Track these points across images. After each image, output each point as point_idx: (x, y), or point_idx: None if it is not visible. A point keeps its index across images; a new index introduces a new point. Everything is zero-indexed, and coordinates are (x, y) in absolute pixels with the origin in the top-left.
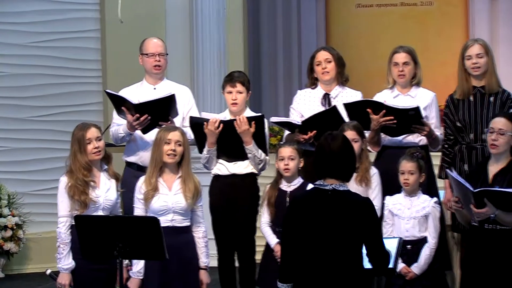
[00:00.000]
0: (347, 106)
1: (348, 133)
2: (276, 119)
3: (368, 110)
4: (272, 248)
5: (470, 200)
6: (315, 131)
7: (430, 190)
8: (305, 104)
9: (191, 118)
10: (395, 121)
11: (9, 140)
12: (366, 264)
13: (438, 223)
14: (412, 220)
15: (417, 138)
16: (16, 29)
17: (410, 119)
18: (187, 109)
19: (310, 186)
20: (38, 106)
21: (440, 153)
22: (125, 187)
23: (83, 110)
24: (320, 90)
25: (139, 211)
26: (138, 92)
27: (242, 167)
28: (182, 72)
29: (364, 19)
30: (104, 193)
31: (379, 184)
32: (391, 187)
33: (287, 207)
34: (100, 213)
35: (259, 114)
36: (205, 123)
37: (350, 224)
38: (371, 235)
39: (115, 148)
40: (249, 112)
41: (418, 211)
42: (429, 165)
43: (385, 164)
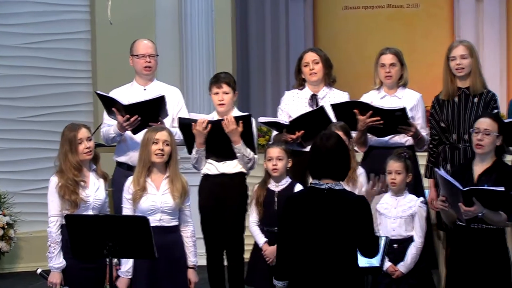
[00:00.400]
0: (334, 107)
1: None
2: (264, 119)
3: (355, 111)
4: (261, 248)
5: (458, 199)
6: (303, 131)
7: (416, 190)
8: (293, 105)
9: (180, 119)
10: (382, 122)
11: (0, 141)
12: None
13: (424, 223)
14: (399, 220)
15: (404, 139)
16: (7, 31)
17: (397, 120)
18: (177, 110)
19: (298, 186)
20: (29, 107)
21: (426, 153)
22: (116, 187)
23: (74, 111)
24: (308, 91)
25: (128, 211)
26: (129, 93)
27: (231, 167)
28: (172, 73)
29: (351, 21)
30: (94, 193)
31: (366, 184)
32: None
33: (283, 206)
34: (90, 213)
35: (246, 114)
36: (193, 124)
37: (346, 223)
38: (366, 231)
39: (105, 148)
40: (237, 112)
41: (405, 211)
42: (415, 165)
43: (372, 164)
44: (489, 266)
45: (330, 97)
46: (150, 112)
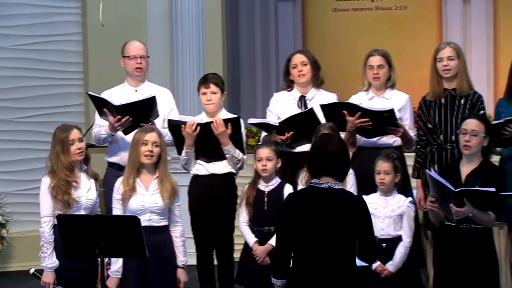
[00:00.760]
0: (324, 108)
1: None
2: (254, 121)
3: (344, 112)
4: (251, 247)
5: (449, 200)
6: (292, 132)
7: (405, 190)
8: (282, 106)
9: (169, 121)
10: (371, 123)
11: None
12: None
13: (413, 222)
14: (388, 219)
15: (392, 139)
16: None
17: (385, 121)
18: (168, 111)
19: (288, 186)
20: (21, 108)
21: (414, 154)
22: (107, 187)
23: (66, 112)
24: (296, 92)
25: (117, 211)
26: (120, 94)
27: (221, 167)
28: (163, 74)
29: (341, 23)
30: (85, 193)
31: (354, 184)
32: (367, 187)
33: (283, 204)
34: (82, 213)
35: (235, 116)
36: (183, 126)
37: (345, 222)
38: (365, 232)
39: (97, 149)
40: (225, 113)
41: (393, 210)
42: (404, 166)
43: (361, 165)
44: (477, 265)
45: (318, 98)
46: (141, 113)
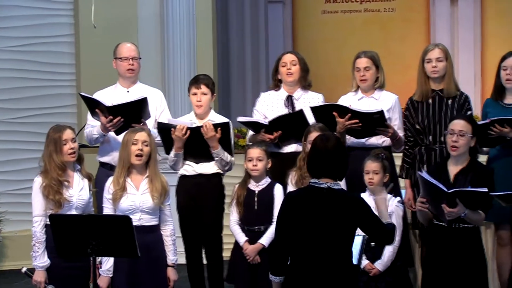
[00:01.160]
0: (314, 109)
1: (314, 135)
2: (243, 119)
3: (334, 114)
4: (241, 246)
5: (441, 201)
6: (280, 132)
7: (393, 190)
8: (269, 106)
9: (159, 124)
10: (360, 124)
11: None
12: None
13: (401, 222)
14: None
15: (381, 140)
16: None
17: (375, 122)
18: (159, 111)
19: (278, 186)
20: (14, 109)
21: (402, 154)
22: (99, 187)
23: (58, 112)
24: (284, 92)
25: (108, 211)
26: (112, 95)
27: (208, 167)
28: (154, 76)
29: (330, 25)
30: (78, 193)
31: (344, 184)
32: (356, 187)
33: (282, 203)
34: (74, 212)
35: (225, 121)
36: (172, 130)
37: (344, 221)
38: (371, 223)
39: (89, 149)
40: (214, 114)
41: None
42: (392, 166)
43: (350, 165)
44: (466, 264)
45: (305, 99)
46: (133, 114)
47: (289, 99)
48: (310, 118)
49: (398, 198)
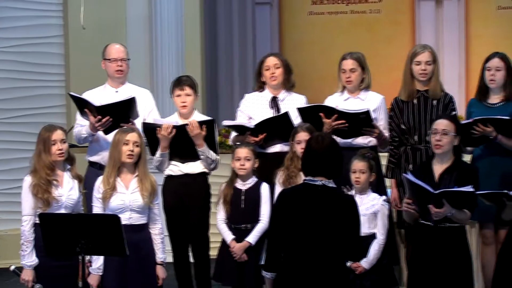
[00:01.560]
0: (301, 110)
1: (302, 135)
2: (229, 123)
3: (321, 115)
4: (228, 244)
5: (428, 201)
6: (265, 134)
7: (379, 189)
8: (254, 106)
9: (144, 124)
10: (347, 125)
11: None
12: None
13: (387, 220)
14: (362, 217)
15: (367, 140)
16: None
17: (361, 122)
18: (148, 111)
19: (265, 185)
20: (4, 109)
21: (387, 154)
22: (88, 186)
23: (47, 113)
24: (268, 93)
25: (98, 210)
26: (101, 95)
27: (194, 167)
28: (143, 76)
29: (316, 26)
30: (67, 192)
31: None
32: (343, 185)
33: (277, 199)
34: (63, 211)
35: (210, 118)
36: (158, 129)
37: (337, 219)
38: (352, 231)
39: (78, 149)
40: (198, 115)
41: (368, 209)
42: (378, 165)
43: None
44: (452, 263)
45: (289, 100)
46: (121, 113)
47: (274, 101)
48: (295, 120)
49: (384, 197)
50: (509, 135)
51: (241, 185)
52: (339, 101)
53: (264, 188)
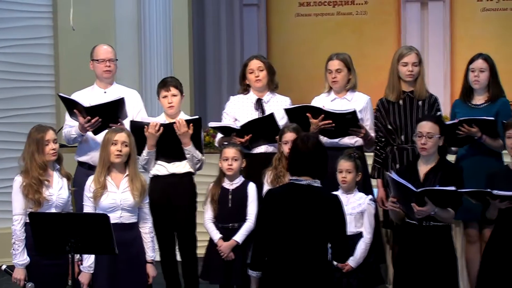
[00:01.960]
0: (288, 111)
1: (289, 135)
2: (215, 124)
3: (308, 115)
4: (216, 243)
5: (411, 200)
6: (251, 135)
7: (365, 188)
8: (239, 109)
9: (132, 122)
10: (333, 125)
11: None
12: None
13: (373, 219)
14: (349, 216)
15: (353, 140)
16: None
17: (348, 123)
18: (136, 112)
19: (251, 184)
20: None
21: (373, 154)
22: (77, 186)
23: (37, 113)
24: (253, 96)
25: (89, 209)
26: (90, 96)
27: (180, 167)
28: (131, 77)
29: (304, 28)
30: (57, 192)
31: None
32: (329, 185)
33: (263, 200)
34: (53, 211)
35: (197, 117)
36: (146, 127)
37: (321, 218)
38: (338, 230)
39: (67, 149)
40: (184, 115)
41: (355, 208)
42: (364, 165)
43: None
44: (437, 261)
45: (274, 102)
46: (110, 114)
47: (259, 103)
48: (280, 121)
49: (370, 196)
50: (494, 136)
51: (229, 185)
52: (326, 102)
53: (251, 188)
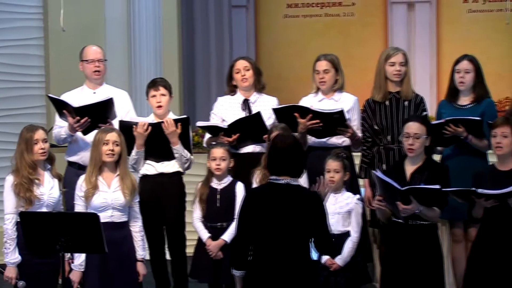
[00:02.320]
0: (276, 111)
1: None
2: (202, 124)
3: (296, 115)
4: (204, 242)
5: (396, 198)
6: (238, 134)
7: (353, 188)
8: (226, 109)
9: (121, 122)
10: (321, 124)
11: None
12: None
13: (361, 219)
14: (337, 215)
15: (341, 139)
16: None
17: (335, 122)
18: (125, 112)
19: (239, 184)
20: None
21: (360, 154)
22: (67, 185)
23: (27, 113)
24: (240, 96)
25: (80, 208)
26: (79, 96)
27: (169, 167)
28: (121, 78)
29: (292, 29)
30: (48, 191)
31: (307, 182)
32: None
33: (243, 199)
34: (44, 210)
35: (185, 116)
36: (134, 126)
37: (302, 216)
38: (319, 225)
39: (57, 149)
40: (172, 116)
41: (342, 207)
42: (352, 165)
43: (312, 164)
44: (423, 260)
45: (261, 102)
46: (99, 114)
47: (246, 103)
48: (267, 120)
49: (358, 196)
50: (479, 136)
51: (217, 184)
52: (314, 102)
53: (239, 187)
